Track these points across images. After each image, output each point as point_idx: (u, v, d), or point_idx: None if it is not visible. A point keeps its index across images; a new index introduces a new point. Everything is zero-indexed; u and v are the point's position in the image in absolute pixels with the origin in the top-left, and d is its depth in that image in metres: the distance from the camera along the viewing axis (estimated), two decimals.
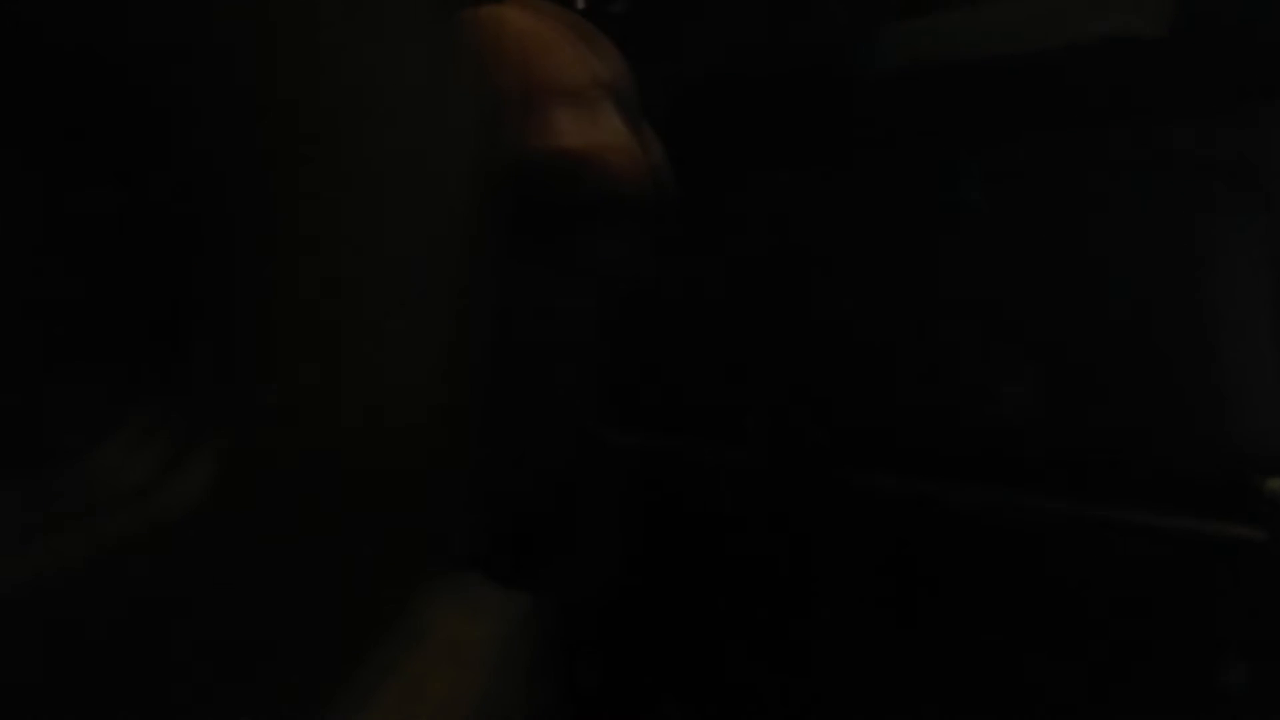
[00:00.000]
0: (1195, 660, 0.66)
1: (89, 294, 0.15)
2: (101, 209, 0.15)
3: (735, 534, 0.72)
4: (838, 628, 0.70)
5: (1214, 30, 0.62)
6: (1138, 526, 0.67)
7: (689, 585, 0.72)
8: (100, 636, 0.15)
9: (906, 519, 0.71)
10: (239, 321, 0.16)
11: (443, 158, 0.19)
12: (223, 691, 0.17)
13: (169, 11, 0.15)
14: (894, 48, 0.69)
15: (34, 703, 0.16)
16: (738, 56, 0.74)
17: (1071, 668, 0.69)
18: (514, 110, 0.23)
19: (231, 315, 0.16)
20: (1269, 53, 0.61)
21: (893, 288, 0.74)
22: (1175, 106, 0.64)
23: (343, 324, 0.17)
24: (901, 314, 0.73)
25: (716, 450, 0.73)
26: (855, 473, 0.72)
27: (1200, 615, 0.66)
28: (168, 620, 0.16)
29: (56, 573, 0.15)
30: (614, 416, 0.67)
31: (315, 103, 0.16)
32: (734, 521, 0.72)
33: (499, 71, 0.22)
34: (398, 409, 0.18)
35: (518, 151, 0.22)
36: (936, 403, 0.71)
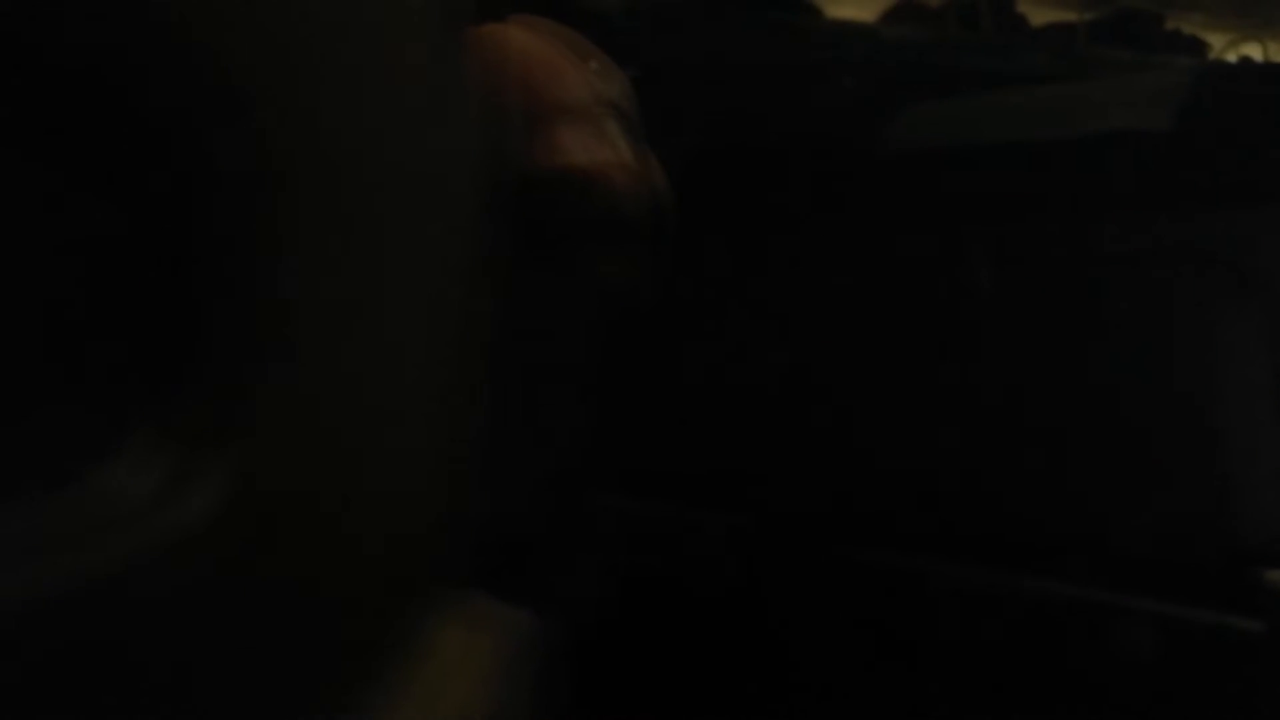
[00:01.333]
0: None
1: (87, 307, 0.15)
2: (97, 219, 0.15)
3: (709, 596, 0.71)
4: (811, 694, 0.69)
5: (1218, 128, 0.64)
6: (1139, 614, 0.67)
7: (667, 639, 0.71)
8: (103, 658, 0.15)
9: (894, 594, 0.70)
10: (241, 334, 0.15)
11: (448, 173, 0.19)
12: (228, 716, 0.16)
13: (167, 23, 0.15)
14: (905, 129, 0.70)
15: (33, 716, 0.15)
16: (748, 127, 0.75)
17: None
18: (518, 127, 0.23)
19: (234, 328, 0.15)
20: (1269, 154, 0.63)
21: (886, 363, 0.74)
22: (1177, 200, 0.66)
23: (345, 340, 0.17)
24: (896, 392, 0.74)
25: (686, 513, 0.72)
26: (840, 545, 0.72)
27: (1199, 705, 0.65)
28: (170, 642, 0.15)
29: (59, 593, 0.14)
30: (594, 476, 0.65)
31: (319, 115, 0.16)
32: (708, 584, 0.71)
33: (503, 89, 0.22)
34: (401, 426, 0.18)
35: (522, 169, 0.22)
36: (926, 475, 0.71)
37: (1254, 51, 0.81)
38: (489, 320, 0.19)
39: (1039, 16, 0.95)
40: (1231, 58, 0.72)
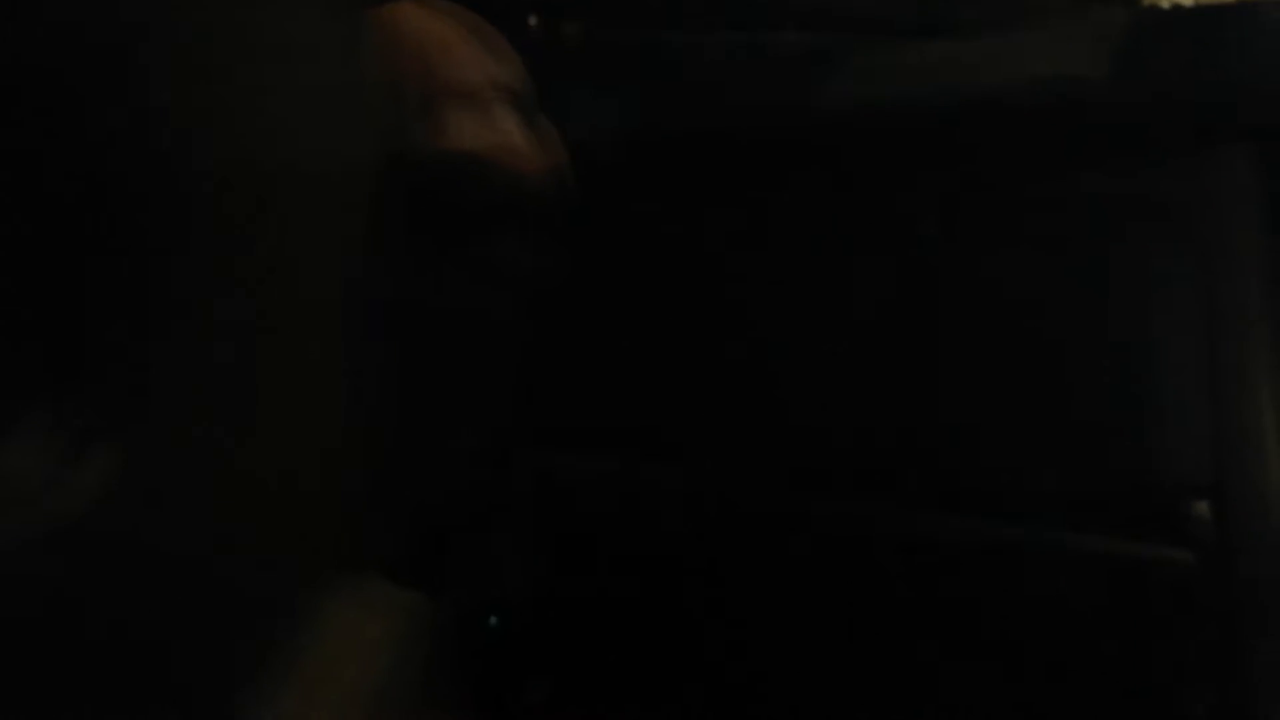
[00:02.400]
0: (1124, 681, 0.68)
1: None
2: None
3: (655, 551, 0.73)
4: (761, 643, 0.71)
5: (1153, 75, 0.65)
6: (1069, 551, 0.70)
7: (631, 606, 0.73)
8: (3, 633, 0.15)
9: (828, 540, 0.72)
10: (137, 318, 0.16)
11: (339, 154, 0.20)
12: (124, 691, 0.17)
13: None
14: (845, 82, 0.71)
15: None
16: (692, 84, 0.76)
17: (1000, 693, 0.71)
18: (412, 110, 0.23)
19: (130, 312, 0.16)
20: (1204, 99, 0.65)
21: (828, 311, 0.76)
22: (1111, 148, 0.67)
23: (238, 320, 0.18)
24: (833, 336, 0.75)
25: (633, 469, 0.74)
26: (776, 494, 0.74)
27: (1133, 638, 0.68)
28: (68, 619, 0.16)
29: None
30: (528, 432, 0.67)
31: (212, 95, 0.16)
32: (654, 539, 0.73)
33: (396, 70, 0.22)
34: (298, 409, 0.19)
35: (417, 153, 0.23)
36: (859, 424, 0.73)
37: None
38: (385, 302, 0.19)
39: None
40: (1165, 4, 0.73)
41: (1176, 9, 0.69)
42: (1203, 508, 0.67)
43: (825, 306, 0.74)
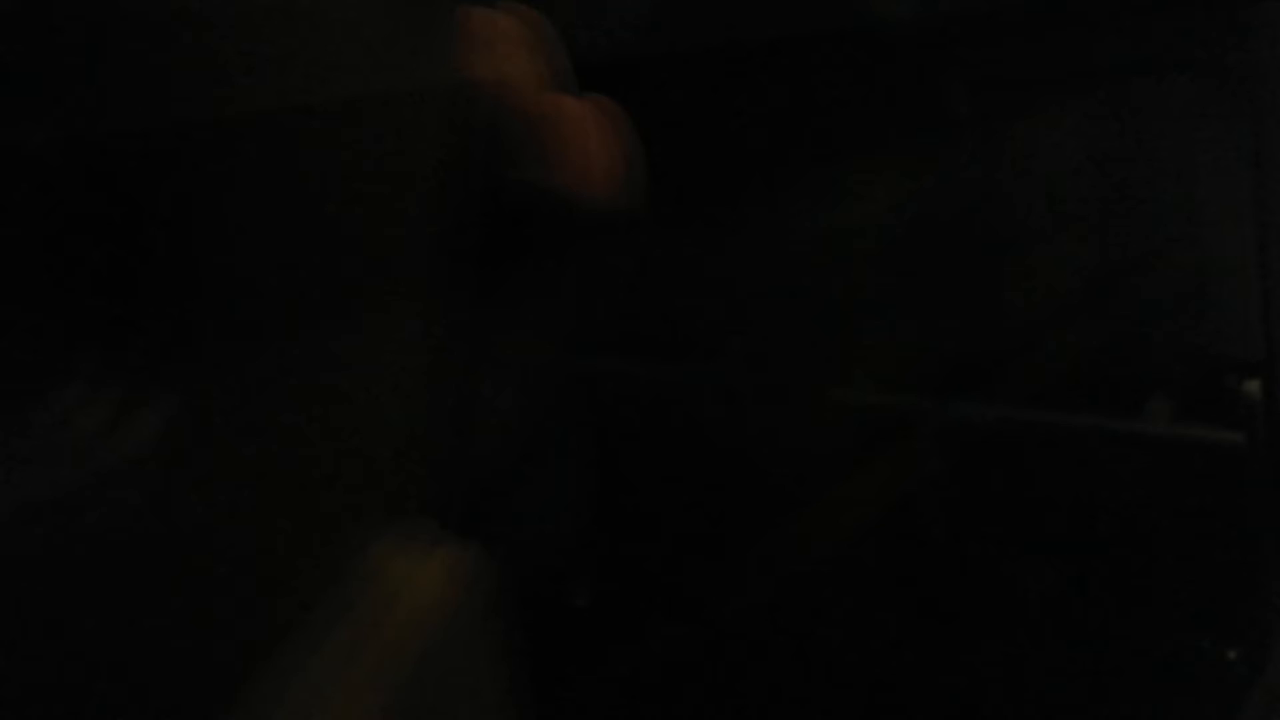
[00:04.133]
0: (1176, 562, 0.67)
1: (40, 249, 0.16)
2: (50, 169, 0.15)
3: (716, 450, 0.70)
4: (821, 543, 0.69)
5: None
6: (1119, 433, 0.68)
7: (672, 506, 0.69)
8: (57, 577, 0.16)
9: (889, 430, 0.70)
10: (196, 281, 0.16)
11: (418, 157, 0.20)
12: (175, 633, 0.17)
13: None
14: None
15: None
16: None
17: (1057, 574, 0.69)
18: (504, 126, 0.23)
19: (188, 274, 0.16)
20: None
21: (863, 207, 0.73)
22: (1158, 8, 0.65)
23: (299, 285, 0.17)
24: (884, 231, 0.72)
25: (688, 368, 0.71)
26: (835, 388, 0.71)
27: (1185, 519, 0.67)
28: (122, 564, 0.16)
29: (8, 515, 0.15)
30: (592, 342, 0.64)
31: (291, 89, 0.16)
32: (710, 439, 0.70)
33: (486, 82, 0.22)
34: (357, 365, 0.19)
35: (509, 171, 0.23)
36: (917, 319, 0.71)
37: None
38: (453, 286, 0.19)
39: None
40: None
41: None
42: (1254, 386, 0.66)
43: (865, 204, 0.71)
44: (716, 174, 0.72)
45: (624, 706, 0.60)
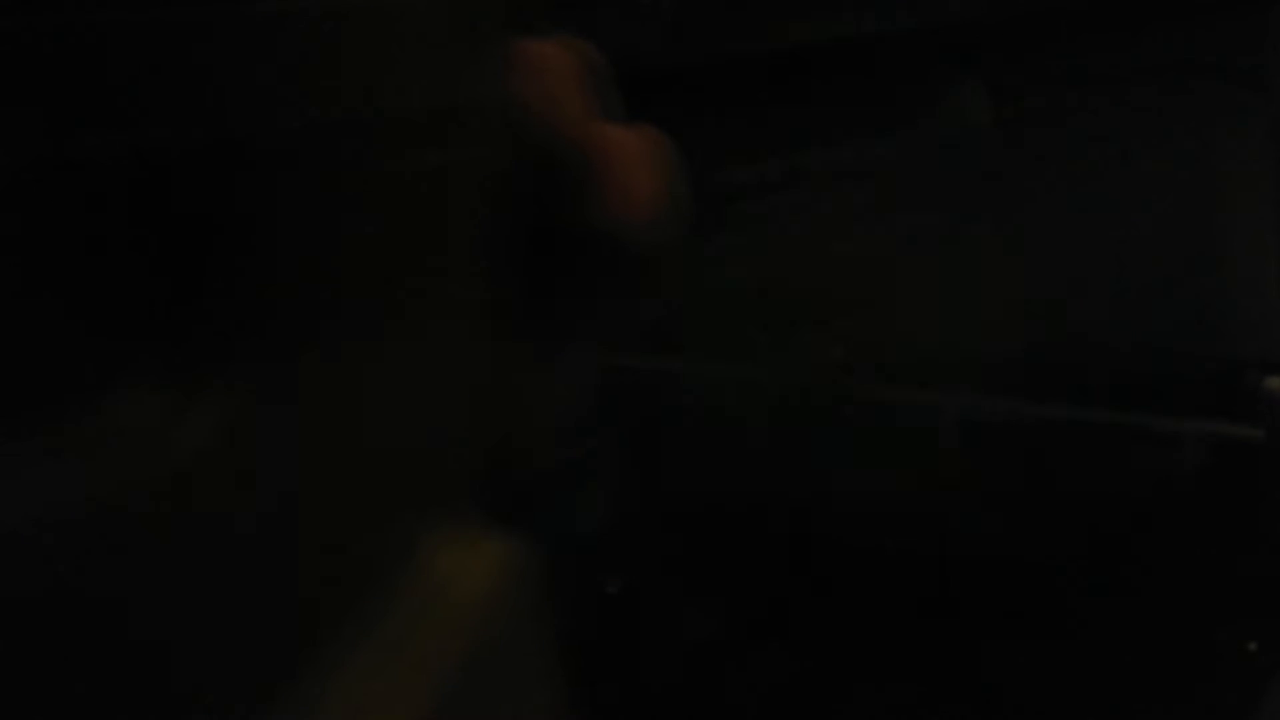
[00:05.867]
0: (1195, 556, 0.68)
1: (95, 238, 0.15)
2: (106, 156, 0.14)
3: (747, 449, 0.71)
4: (853, 540, 0.70)
5: None
6: (1140, 430, 0.69)
7: (705, 498, 0.71)
8: (109, 576, 0.15)
9: (916, 429, 0.71)
10: (250, 263, 0.15)
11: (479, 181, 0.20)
12: (222, 632, 0.16)
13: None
14: None
15: (31, 641, 0.15)
16: None
17: (1077, 569, 0.70)
18: (563, 158, 0.23)
19: (245, 275, 0.15)
20: None
21: (894, 208, 0.74)
22: (1180, 14, 0.66)
23: (345, 282, 0.17)
24: (907, 233, 0.74)
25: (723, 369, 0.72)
26: (866, 387, 0.72)
27: (1206, 513, 0.68)
28: (172, 562, 0.16)
29: (64, 512, 0.15)
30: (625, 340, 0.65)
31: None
32: (745, 436, 0.71)
33: (540, 115, 0.22)
34: (406, 361, 0.18)
35: (564, 205, 0.22)
36: (946, 317, 0.72)
37: None
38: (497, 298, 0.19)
39: None
40: None
41: None
42: (1274, 383, 0.67)
43: (883, 205, 0.72)
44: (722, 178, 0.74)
45: (654, 694, 0.62)
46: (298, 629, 0.17)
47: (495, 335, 0.21)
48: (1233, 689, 0.67)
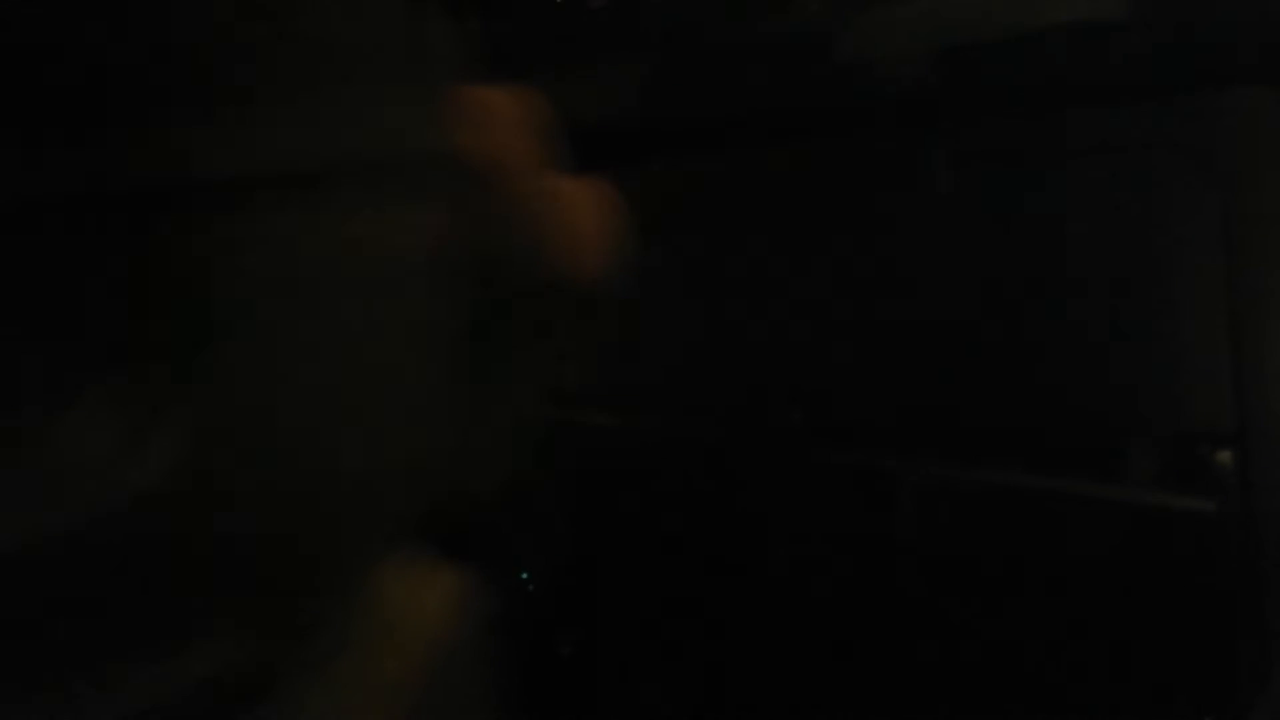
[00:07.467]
0: (1145, 627, 0.68)
1: (47, 267, 0.15)
2: (58, 184, 0.15)
3: (693, 510, 0.73)
4: (797, 602, 0.71)
5: (1173, 16, 0.65)
6: (1090, 499, 0.69)
7: (652, 559, 0.73)
8: (58, 604, 0.15)
9: (863, 491, 0.72)
10: (204, 300, 0.16)
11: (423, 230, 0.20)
12: (174, 660, 0.17)
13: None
14: (864, 34, 0.71)
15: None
16: (714, 48, 0.75)
17: (1025, 641, 0.71)
18: (500, 202, 0.23)
19: (197, 291, 0.16)
20: (1225, 40, 0.64)
21: (854, 274, 0.75)
22: (1134, 90, 0.66)
23: (302, 312, 0.18)
24: (862, 296, 0.75)
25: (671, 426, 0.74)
26: (813, 448, 0.73)
27: (1153, 587, 0.68)
28: (125, 590, 0.16)
29: (15, 543, 0.15)
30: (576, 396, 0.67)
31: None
32: (691, 497, 0.73)
33: (484, 160, 0.22)
34: (374, 396, 0.19)
35: (502, 247, 0.23)
36: (893, 380, 0.73)
37: None
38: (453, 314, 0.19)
39: None
40: None
41: None
42: (1225, 456, 0.67)
43: (841, 266, 0.73)
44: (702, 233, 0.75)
45: None
46: (250, 660, 0.17)
47: (446, 378, 0.21)
48: None
